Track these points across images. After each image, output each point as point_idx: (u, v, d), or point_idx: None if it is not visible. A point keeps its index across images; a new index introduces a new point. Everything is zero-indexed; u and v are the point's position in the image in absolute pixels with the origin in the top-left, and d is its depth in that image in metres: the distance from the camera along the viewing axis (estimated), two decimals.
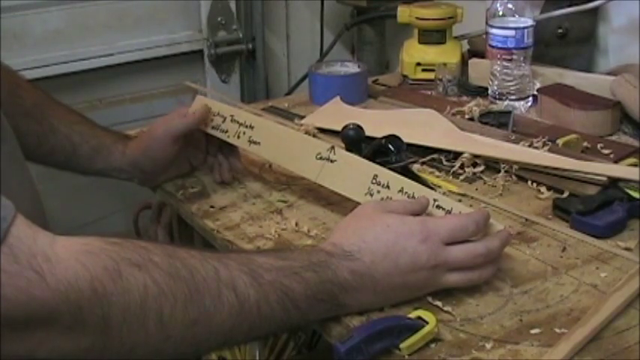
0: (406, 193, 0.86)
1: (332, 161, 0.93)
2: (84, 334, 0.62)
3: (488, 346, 0.72)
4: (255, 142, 1.01)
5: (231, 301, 0.68)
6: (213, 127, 1.05)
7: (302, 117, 1.30)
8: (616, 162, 1.06)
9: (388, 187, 0.87)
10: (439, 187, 1.03)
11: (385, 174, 0.88)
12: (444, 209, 0.83)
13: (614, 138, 1.17)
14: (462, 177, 1.07)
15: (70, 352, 0.63)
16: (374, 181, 0.88)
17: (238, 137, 1.02)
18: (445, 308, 0.77)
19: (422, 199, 0.83)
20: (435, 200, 0.83)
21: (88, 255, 0.63)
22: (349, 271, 0.74)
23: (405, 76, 1.48)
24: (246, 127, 1.02)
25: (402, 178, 0.88)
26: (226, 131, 1.03)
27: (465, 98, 1.36)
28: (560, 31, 1.39)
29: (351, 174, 0.91)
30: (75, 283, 0.61)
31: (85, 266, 0.62)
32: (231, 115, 1.03)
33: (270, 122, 1.06)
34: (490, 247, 0.78)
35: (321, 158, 0.94)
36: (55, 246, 0.62)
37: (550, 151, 1.08)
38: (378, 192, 0.87)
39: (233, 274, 0.69)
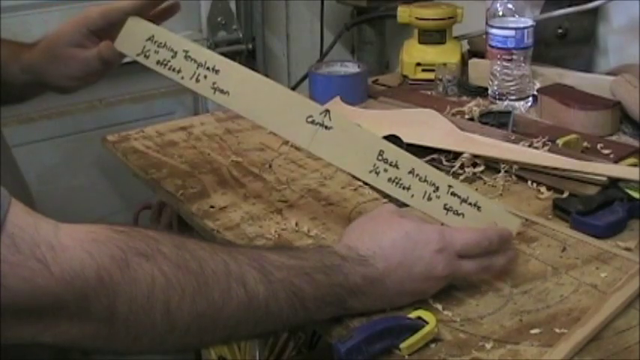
0: (417, 175, 0.78)
1: (327, 127, 0.79)
2: (89, 321, 0.62)
3: (488, 346, 0.72)
4: (221, 91, 0.82)
5: (239, 296, 0.67)
6: (158, 63, 0.86)
7: None
8: (616, 162, 1.06)
9: (397, 166, 0.78)
10: None
11: (393, 151, 0.79)
12: (459, 197, 0.79)
13: (614, 138, 1.17)
14: (461, 177, 1.07)
15: (75, 337, 0.62)
16: (380, 157, 0.78)
17: (197, 81, 0.83)
18: (445, 312, 0.77)
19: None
20: (449, 187, 0.79)
21: (94, 243, 0.62)
22: (361, 277, 0.73)
23: (405, 76, 1.48)
24: (208, 69, 0.83)
25: (412, 157, 0.79)
26: (179, 71, 0.84)
27: (465, 98, 1.36)
28: (560, 31, 1.38)
29: (352, 146, 0.79)
30: (81, 272, 0.60)
31: (92, 255, 0.61)
32: (185, 51, 0.84)
33: (242, 67, 0.84)
34: (497, 265, 0.79)
35: (313, 122, 0.79)
36: (60, 234, 0.61)
37: (550, 151, 1.08)
38: (386, 171, 0.77)
39: (243, 269, 0.68)
